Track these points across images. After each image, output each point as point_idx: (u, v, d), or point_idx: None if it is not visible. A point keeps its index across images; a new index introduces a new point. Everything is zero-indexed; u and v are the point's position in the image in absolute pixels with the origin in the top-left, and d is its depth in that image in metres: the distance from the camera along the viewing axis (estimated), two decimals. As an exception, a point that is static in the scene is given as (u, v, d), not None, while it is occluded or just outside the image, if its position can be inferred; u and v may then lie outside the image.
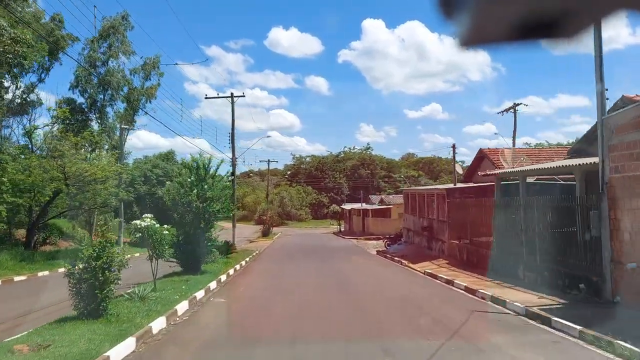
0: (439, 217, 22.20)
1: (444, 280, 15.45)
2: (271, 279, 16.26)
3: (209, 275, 15.67)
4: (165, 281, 14.15)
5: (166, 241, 11.92)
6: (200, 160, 16.16)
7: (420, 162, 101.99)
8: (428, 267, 19.12)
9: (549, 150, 24.36)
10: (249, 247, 36.38)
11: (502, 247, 15.60)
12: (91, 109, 41.92)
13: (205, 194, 15.39)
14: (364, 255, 26.09)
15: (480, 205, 17.94)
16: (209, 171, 16.28)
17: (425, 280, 16.13)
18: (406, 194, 29.23)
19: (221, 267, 18.03)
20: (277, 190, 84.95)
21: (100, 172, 26.42)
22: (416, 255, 23.03)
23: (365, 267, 20.09)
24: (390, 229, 45.90)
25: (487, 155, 24.46)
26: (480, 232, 18.00)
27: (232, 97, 29.90)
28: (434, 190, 23.17)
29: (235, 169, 29.84)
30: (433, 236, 22.92)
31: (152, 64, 46.37)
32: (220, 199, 15.98)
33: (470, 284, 13.98)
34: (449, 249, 20.50)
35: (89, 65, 40.89)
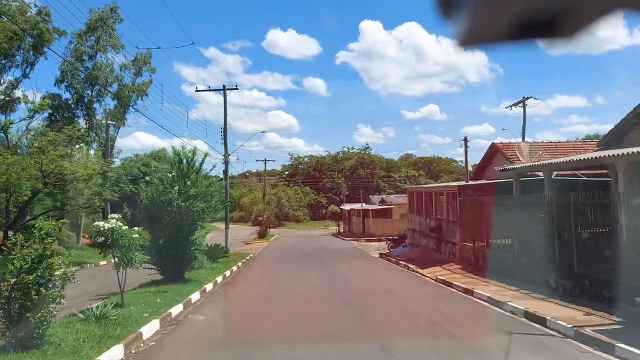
0: (449, 217, 20.28)
1: (461, 289, 13.52)
2: (263, 289, 14.30)
3: (192, 285, 13.72)
4: (139, 293, 12.19)
5: (135, 246, 9.95)
6: (183, 154, 14.21)
7: (420, 162, 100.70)
8: (439, 272, 17.19)
9: (566, 145, 22.48)
10: (244, 249, 34.43)
11: (527, 250, 13.69)
12: (78, 105, 39.90)
13: (188, 191, 13.42)
14: (366, 259, 24.15)
15: (497, 204, 16.01)
16: (193, 166, 14.33)
17: (438, 289, 14.19)
18: (411, 192, 27.31)
19: (208, 275, 16.07)
20: (275, 191, 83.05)
21: (82, 170, 24.46)
22: (424, 259, 21.09)
23: (369, 273, 18.14)
24: (392, 230, 43.98)
25: (500, 150, 22.56)
26: (497, 233, 16.09)
27: (224, 89, 27.96)
28: (443, 188, 21.26)
29: (228, 166, 27.86)
30: (442, 238, 21.00)
31: (144, 59, 44.35)
32: (206, 197, 14.00)
33: (494, 293, 12.06)
34: (461, 252, 18.58)
35: (75, 59, 38.90)
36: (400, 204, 48.89)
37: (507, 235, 15.24)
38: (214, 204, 14.16)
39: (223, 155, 27.94)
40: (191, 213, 13.60)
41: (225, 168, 27.82)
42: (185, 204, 13.34)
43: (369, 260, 23.43)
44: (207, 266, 18.18)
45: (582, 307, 9.83)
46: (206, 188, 13.95)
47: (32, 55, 37.73)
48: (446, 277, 15.74)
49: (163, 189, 13.47)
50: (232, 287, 14.96)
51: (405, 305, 10.96)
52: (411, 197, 26.99)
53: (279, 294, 12.98)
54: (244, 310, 10.90)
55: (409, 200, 27.57)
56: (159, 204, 13.45)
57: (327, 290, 13.49)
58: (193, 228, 14.10)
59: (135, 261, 9.96)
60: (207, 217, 14.25)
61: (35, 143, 24.12)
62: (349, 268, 19.63)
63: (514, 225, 14.54)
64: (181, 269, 14.15)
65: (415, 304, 11.27)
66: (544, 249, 12.57)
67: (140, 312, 9.50)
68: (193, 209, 13.49)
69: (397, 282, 15.61)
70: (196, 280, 14.42)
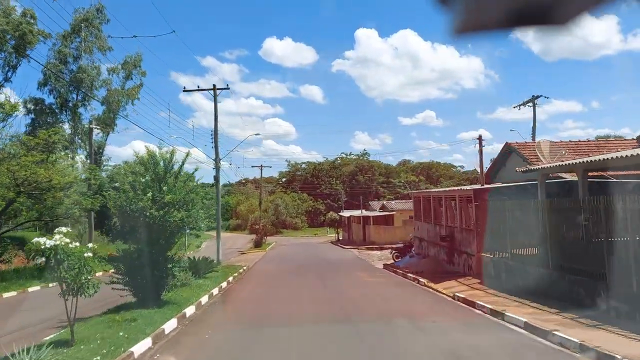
0: (463, 225, 18.24)
1: (486, 310, 11.44)
2: (254, 312, 12.18)
3: (170, 309, 11.60)
4: (100, 322, 10.07)
5: (88, 269, 7.85)
6: (160, 155, 12.13)
7: (419, 168, 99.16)
8: (456, 288, 15.11)
9: (589, 144, 20.51)
10: (238, 260, 32.29)
11: (565, 263, 11.64)
12: (62, 109, 37.86)
13: (164, 198, 11.34)
14: (370, 271, 22.04)
15: (523, 209, 13.99)
16: (171, 168, 12.26)
17: (460, 310, 12.10)
18: (417, 198, 25.25)
19: (192, 294, 13.94)
20: (272, 198, 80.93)
21: (58, 177, 22.36)
22: (435, 271, 19.01)
23: (377, 290, 16.04)
24: (394, 237, 41.86)
25: (516, 150, 20.56)
26: (524, 243, 14.06)
27: (214, 89, 25.95)
28: (455, 192, 19.22)
29: (219, 171, 25.77)
30: (455, 248, 18.94)
31: (133, 62, 42.43)
32: (186, 205, 11.91)
33: (530, 318, 9.99)
34: (479, 264, 16.51)
35: (59, 62, 36.90)
36: (402, 210, 46.81)
37: (535, 246, 13.19)
38: (195, 213, 12.06)
39: (214, 160, 25.87)
40: (168, 224, 11.50)
41: (216, 173, 25.76)
42: (159, 213, 11.25)
43: (374, 273, 21.33)
44: (193, 283, 16.05)
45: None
46: (186, 194, 11.85)
47: (14, 58, 35.82)
48: (466, 294, 13.65)
49: (133, 196, 11.37)
50: (217, 310, 12.83)
51: (430, 340, 8.84)
52: (417, 202, 24.93)
53: (272, 323, 10.86)
54: (229, 347, 8.79)
55: (415, 206, 25.51)
56: (129, 214, 11.35)
57: (331, 316, 11.38)
58: (171, 241, 11.99)
59: (87, 287, 7.86)
60: (187, 229, 12.13)
61: (6, 148, 22.04)
62: (354, 284, 17.51)
63: (545, 234, 12.49)
64: (157, 290, 12.03)
65: (440, 336, 9.16)
66: (589, 262, 10.53)
67: (91, 354, 7.39)
68: (170, 219, 11.38)
69: (411, 301, 13.50)
70: (176, 303, 12.30)
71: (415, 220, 25.37)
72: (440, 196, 20.90)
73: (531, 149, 20.56)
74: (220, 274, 20.22)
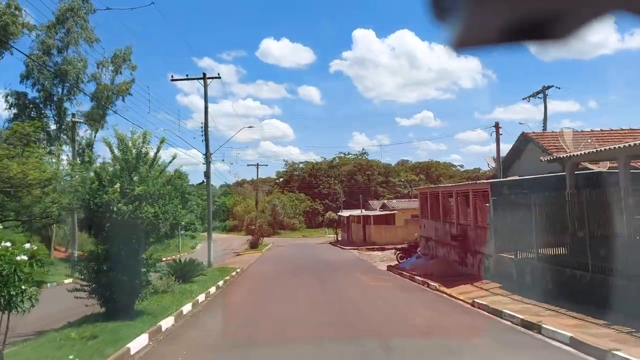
0: (478, 222, 16.47)
1: (517, 321, 9.66)
2: (243, 325, 10.35)
3: (142, 321, 9.80)
4: (53, 339, 8.25)
5: (22, 276, 6.04)
6: (132, 140, 10.29)
7: (418, 167, 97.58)
8: (474, 294, 13.33)
9: (616, 133, 18.75)
10: (232, 262, 30.43)
11: (608, 265, 9.87)
12: (46, 104, 35.91)
13: (134, 190, 9.52)
14: (374, 274, 20.24)
15: (552, 203, 12.24)
16: (145, 155, 10.43)
17: (483, 320, 10.31)
18: (423, 194, 23.46)
19: (173, 302, 12.12)
20: (269, 198, 79.03)
21: (34, 173, 20.49)
22: (445, 274, 17.21)
23: (383, 296, 14.25)
24: (396, 237, 40.05)
25: (533, 140, 18.81)
26: (552, 242, 12.31)
27: (204, 78, 24.15)
28: (468, 187, 17.43)
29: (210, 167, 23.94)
30: (468, 248, 17.16)
31: (123, 56, 40.51)
32: (162, 199, 10.10)
33: (576, 332, 8.21)
34: (498, 266, 14.74)
35: (42, 53, 34.97)
36: (404, 209, 45.07)
37: (569, 245, 11.44)
38: (172, 208, 10.24)
39: (204, 155, 24.05)
40: (140, 221, 9.67)
41: (207, 169, 23.93)
42: (129, 208, 9.42)
43: (378, 276, 19.52)
44: (176, 289, 14.24)
45: None
46: (161, 187, 10.02)
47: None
48: (487, 300, 11.86)
49: (97, 188, 9.55)
50: (201, 321, 11.00)
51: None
52: (424, 199, 23.15)
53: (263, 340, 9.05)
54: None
55: (421, 203, 23.73)
56: (92, 209, 9.53)
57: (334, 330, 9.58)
58: (145, 242, 10.16)
59: (20, 301, 6.04)
60: (162, 227, 10.28)
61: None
62: (356, 288, 15.73)
63: (583, 231, 10.72)
64: (129, 299, 10.20)
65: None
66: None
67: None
68: (142, 215, 9.56)
69: (425, 310, 11.70)
70: (151, 314, 10.49)
71: (421, 218, 23.60)
72: (451, 191, 19.12)
73: (550, 138, 18.84)
74: (210, 277, 18.41)
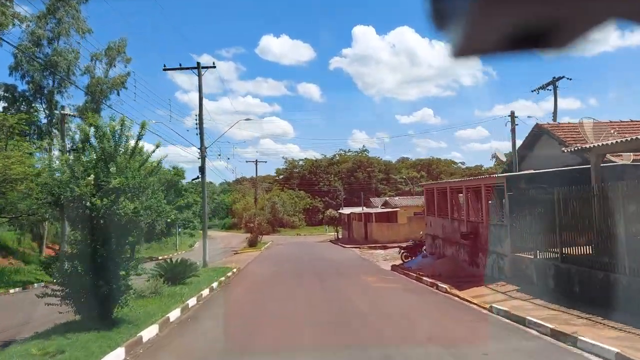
0: (490, 219, 15.29)
1: (546, 331, 8.50)
2: (236, 334, 9.18)
3: (121, 331, 8.63)
4: (12, 355, 7.07)
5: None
6: (108, 125, 9.10)
7: (419, 164, 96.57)
8: (489, 297, 12.16)
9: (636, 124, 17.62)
10: (230, 260, 29.29)
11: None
12: (36, 96, 34.67)
13: (110, 182, 8.34)
14: (378, 274, 19.06)
15: (577, 198, 11.06)
16: (126, 142, 9.23)
17: (507, 330, 9.13)
18: (430, 190, 22.27)
19: (159, 308, 10.94)
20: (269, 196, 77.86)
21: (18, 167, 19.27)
22: (455, 275, 16.05)
23: (390, 299, 13.10)
24: (399, 235, 38.96)
25: (549, 132, 17.62)
26: (576, 241, 11.14)
27: (198, 67, 22.94)
28: (480, 181, 16.25)
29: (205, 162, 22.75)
30: (480, 246, 16.00)
31: (117, 48, 39.27)
32: (144, 192, 8.91)
33: (625, 348, 7.04)
34: (514, 267, 13.58)
35: (32, 44, 33.70)
36: (407, 207, 43.96)
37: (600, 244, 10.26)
38: (155, 203, 9.05)
39: (198, 149, 22.84)
40: (117, 217, 8.48)
41: (202, 163, 22.73)
42: (104, 202, 8.24)
43: (382, 276, 18.36)
44: (165, 292, 13.08)
45: None
46: (142, 179, 8.83)
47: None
48: (506, 306, 10.68)
49: (68, 179, 8.37)
50: (189, 330, 9.82)
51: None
52: (430, 195, 21.97)
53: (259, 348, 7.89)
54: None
55: (427, 200, 22.55)
56: (62, 204, 8.35)
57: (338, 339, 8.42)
58: (124, 241, 8.97)
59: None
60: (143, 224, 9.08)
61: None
62: (360, 290, 14.57)
63: (617, 229, 9.56)
64: (106, 306, 9.02)
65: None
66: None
67: None
68: (119, 212, 8.37)
69: (438, 317, 10.52)
70: (132, 322, 9.31)
71: (427, 215, 22.43)
72: (460, 187, 17.93)
73: (566, 130, 17.66)
74: (204, 278, 17.22)
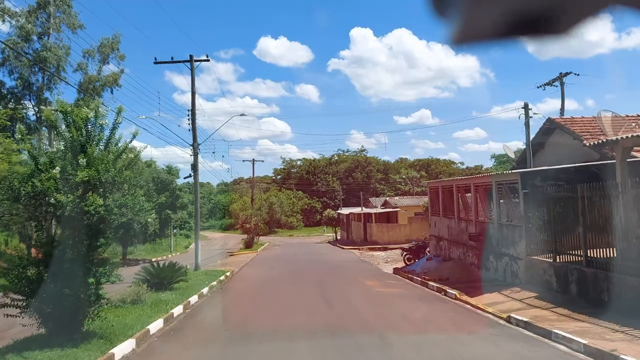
0: (503, 219, 14.21)
1: (578, 348, 7.38)
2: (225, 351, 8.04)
3: (90, 347, 7.50)
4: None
5: None
6: (78, 112, 7.97)
7: (418, 164, 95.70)
8: (506, 305, 11.06)
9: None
10: (225, 263, 28.11)
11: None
12: (24, 93, 33.49)
13: (76, 175, 7.20)
14: (380, 278, 17.94)
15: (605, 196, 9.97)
16: (101, 131, 8.09)
17: (530, 344, 8.02)
18: (434, 188, 21.17)
19: (138, 319, 9.82)
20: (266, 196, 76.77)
21: None
22: (463, 279, 14.96)
23: (395, 306, 11.98)
24: (399, 236, 37.91)
25: (562, 126, 16.53)
26: (603, 243, 10.05)
27: (191, 60, 21.79)
28: (490, 178, 15.15)
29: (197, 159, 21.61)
30: (490, 249, 14.89)
31: (111, 45, 38.15)
32: (118, 188, 7.78)
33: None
34: (530, 271, 12.48)
35: (21, 40, 32.53)
36: (407, 207, 42.88)
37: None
38: (130, 201, 7.92)
39: (191, 146, 21.70)
40: (87, 216, 7.34)
41: (194, 160, 21.59)
42: (69, 198, 7.10)
43: (385, 280, 17.24)
44: (148, 300, 11.93)
45: None
46: (117, 173, 7.69)
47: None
48: (526, 315, 9.58)
49: (30, 173, 7.23)
50: (170, 345, 8.67)
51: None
52: (434, 194, 20.87)
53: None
54: None
55: (431, 199, 21.45)
56: (23, 200, 7.21)
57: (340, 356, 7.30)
58: (95, 244, 7.82)
59: None
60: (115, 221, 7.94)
61: None
62: (364, 297, 13.44)
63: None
64: (74, 318, 7.87)
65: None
66: None
67: None
68: (88, 209, 7.23)
69: (453, 330, 9.38)
70: (104, 337, 8.17)
71: (431, 215, 21.32)
72: (468, 184, 16.83)
73: (581, 124, 16.59)
74: (194, 283, 16.08)
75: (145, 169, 37.00)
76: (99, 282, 7.77)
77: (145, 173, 35.92)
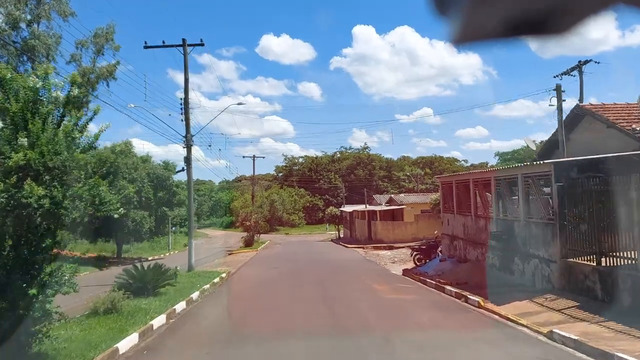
0: (530, 217, 12.54)
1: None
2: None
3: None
4: None
5: None
6: (21, 80, 6.34)
7: (421, 162, 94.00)
8: (542, 317, 9.40)
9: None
10: (222, 262, 26.52)
11: None
12: (12, 84, 31.92)
13: (10, 158, 5.59)
14: (390, 281, 16.28)
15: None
16: (47, 104, 6.47)
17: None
18: (447, 183, 19.49)
19: (106, 334, 8.21)
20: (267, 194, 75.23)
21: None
22: (484, 283, 13.18)
23: (411, 316, 10.33)
24: (405, 235, 36.26)
25: (593, 114, 14.83)
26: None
27: (184, 45, 20.15)
28: (515, 171, 13.44)
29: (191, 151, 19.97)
30: (515, 249, 13.22)
31: (105, 35, 36.50)
32: (70, 175, 6.17)
33: None
34: (567, 276, 10.81)
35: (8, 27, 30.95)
36: (413, 204, 41.22)
37: None
38: (87, 191, 6.30)
39: (183, 137, 20.07)
40: (28, 210, 5.72)
41: (187, 153, 19.96)
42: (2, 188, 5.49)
43: (395, 283, 15.59)
44: (125, 308, 10.32)
45: None
46: (68, 156, 6.07)
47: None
48: (574, 331, 7.92)
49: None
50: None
51: None
52: (447, 189, 19.19)
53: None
54: None
55: (444, 195, 19.77)
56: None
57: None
58: (41, 245, 6.20)
59: None
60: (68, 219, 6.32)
61: None
62: (375, 306, 11.78)
63: None
64: (18, 338, 6.24)
65: None
66: None
67: None
68: (28, 202, 5.62)
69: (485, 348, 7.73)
70: (55, 357, 6.54)
71: (443, 212, 19.64)
72: (488, 178, 15.14)
73: (614, 111, 14.89)
74: (185, 286, 14.48)
75: (140, 164, 35.39)
76: (44, 293, 6.13)
77: (140, 168, 34.30)
